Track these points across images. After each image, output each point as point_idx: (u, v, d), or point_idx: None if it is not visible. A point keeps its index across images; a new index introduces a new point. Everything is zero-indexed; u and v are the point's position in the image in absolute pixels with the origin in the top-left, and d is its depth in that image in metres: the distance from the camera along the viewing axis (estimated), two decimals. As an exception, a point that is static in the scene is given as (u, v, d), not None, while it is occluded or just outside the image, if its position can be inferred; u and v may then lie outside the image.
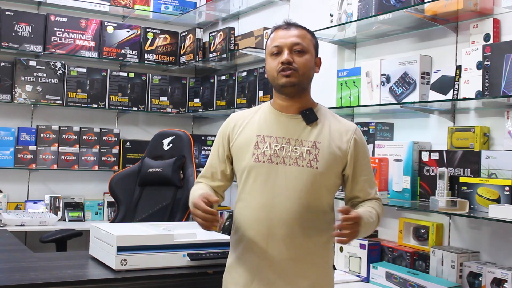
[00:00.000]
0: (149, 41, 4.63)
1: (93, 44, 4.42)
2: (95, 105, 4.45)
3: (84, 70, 4.42)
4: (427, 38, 2.74)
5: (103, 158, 4.46)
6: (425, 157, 2.56)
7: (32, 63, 4.22)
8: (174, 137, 3.41)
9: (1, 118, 4.27)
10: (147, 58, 4.62)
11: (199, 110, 4.62)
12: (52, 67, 4.30)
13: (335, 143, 1.85)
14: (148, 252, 2.14)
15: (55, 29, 4.29)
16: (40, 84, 4.25)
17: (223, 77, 4.33)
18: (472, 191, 2.30)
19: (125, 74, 4.58)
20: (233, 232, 1.93)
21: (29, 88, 4.21)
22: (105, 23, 4.47)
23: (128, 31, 4.55)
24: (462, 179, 2.35)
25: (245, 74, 4.06)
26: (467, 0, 2.37)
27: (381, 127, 2.84)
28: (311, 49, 1.88)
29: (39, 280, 1.94)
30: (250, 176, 1.85)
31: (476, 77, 2.33)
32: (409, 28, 2.79)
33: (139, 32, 4.60)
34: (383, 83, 2.79)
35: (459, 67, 2.45)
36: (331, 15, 3.01)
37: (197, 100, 4.68)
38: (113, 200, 3.45)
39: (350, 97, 2.98)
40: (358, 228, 1.69)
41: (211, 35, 4.33)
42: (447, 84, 2.52)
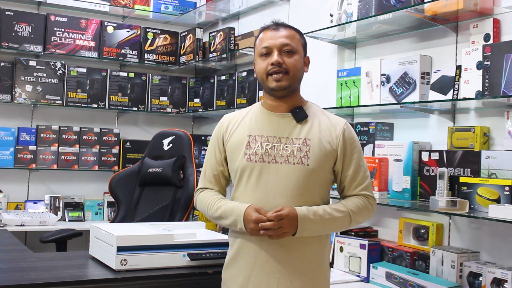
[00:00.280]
0: (149, 41, 4.63)
1: (93, 44, 4.42)
2: (95, 105, 4.45)
3: (84, 70, 4.42)
4: (427, 38, 2.73)
5: (103, 158, 4.46)
6: (425, 157, 2.56)
7: (32, 63, 4.22)
8: (174, 137, 3.41)
9: (1, 118, 4.27)
10: (147, 58, 4.62)
11: (199, 110, 4.62)
12: (52, 67, 4.30)
13: (325, 139, 1.86)
14: (148, 252, 2.14)
15: (55, 29, 4.29)
16: (40, 84, 4.25)
17: (223, 77, 4.33)
18: (472, 191, 2.30)
19: (125, 74, 4.58)
20: (230, 230, 1.95)
21: (29, 88, 4.21)
22: (105, 23, 4.47)
23: (128, 31, 4.55)
24: (462, 179, 2.35)
25: (245, 74, 4.06)
26: (467, 0, 2.37)
27: (381, 127, 2.84)
28: (300, 49, 1.91)
29: (39, 280, 1.94)
30: (243, 176, 1.87)
31: (476, 77, 2.33)
32: (409, 28, 2.79)
33: (139, 32, 4.60)
34: (383, 83, 2.79)
35: (459, 67, 2.45)
36: (331, 15, 3.01)
37: (197, 100, 4.68)
38: (113, 200, 3.45)
39: (350, 97, 2.98)
40: (286, 225, 1.73)
41: (211, 35, 4.33)
42: (447, 84, 2.52)
